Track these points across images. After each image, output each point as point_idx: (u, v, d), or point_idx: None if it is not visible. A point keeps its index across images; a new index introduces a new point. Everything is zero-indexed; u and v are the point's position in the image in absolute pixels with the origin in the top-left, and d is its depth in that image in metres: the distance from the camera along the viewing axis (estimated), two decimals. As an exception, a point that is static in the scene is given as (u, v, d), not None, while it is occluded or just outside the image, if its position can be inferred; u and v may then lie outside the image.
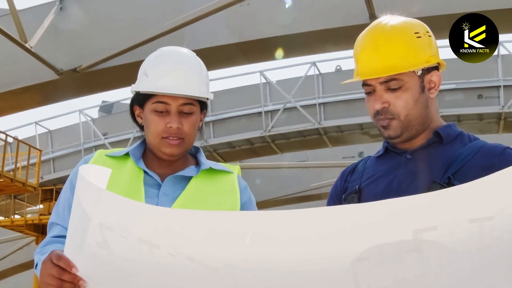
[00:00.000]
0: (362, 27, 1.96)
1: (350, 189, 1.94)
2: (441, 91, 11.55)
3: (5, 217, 19.26)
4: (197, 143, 2.04)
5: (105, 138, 18.14)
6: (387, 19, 1.85)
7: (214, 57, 11.52)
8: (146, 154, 1.99)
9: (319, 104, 15.57)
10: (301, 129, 15.75)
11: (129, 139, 16.99)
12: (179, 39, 11.00)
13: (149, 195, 1.88)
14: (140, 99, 1.94)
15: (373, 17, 9.58)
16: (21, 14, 11.58)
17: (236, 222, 1.30)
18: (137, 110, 1.98)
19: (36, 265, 1.75)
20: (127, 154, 1.97)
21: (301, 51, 11.96)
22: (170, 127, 1.88)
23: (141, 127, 2.01)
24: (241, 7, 10.66)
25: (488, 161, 1.70)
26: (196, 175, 1.95)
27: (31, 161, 17.05)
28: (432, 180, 1.71)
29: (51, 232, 1.90)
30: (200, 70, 1.98)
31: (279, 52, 11.23)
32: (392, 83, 1.77)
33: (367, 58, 1.81)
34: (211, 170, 1.98)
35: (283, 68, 18.66)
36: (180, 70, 1.92)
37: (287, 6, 10.60)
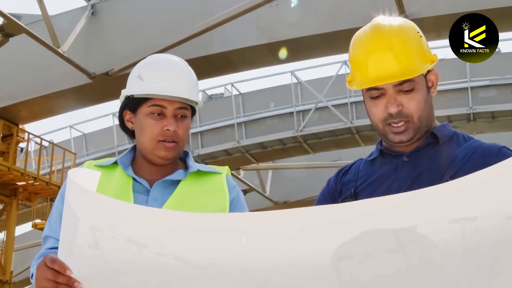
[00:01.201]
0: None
1: (345, 192, 1.89)
2: (474, 87, 11.32)
3: (41, 220, 19.51)
4: (228, 143, 2.05)
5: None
6: (386, 20, 1.79)
7: (245, 58, 11.55)
8: (135, 161, 2.00)
9: (351, 103, 15.46)
10: (333, 129, 15.67)
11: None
12: (208, 41, 11.04)
13: (139, 201, 1.87)
14: (134, 104, 1.94)
15: (403, 14, 9.51)
16: (54, 19, 11.75)
17: (222, 222, 1.32)
18: (128, 115, 1.98)
19: (32, 275, 1.76)
20: (115, 163, 1.97)
21: (332, 50, 11.90)
22: (167, 130, 1.89)
23: (130, 133, 2.01)
24: (270, 8, 10.65)
25: (485, 162, 1.62)
26: (185, 178, 1.95)
27: (66, 165, 17.24)
28: (430, 184, 1.66)
29: (45, 245, 1.91)
30: (192, 76, 2.00)
31: (283, 51, 11.20)
32: (406, 85, 1.72)
33: (380, 60, 1.71)
34: (199, 172, 1.98)
35: (314, 68, 18.60)
36: (176, 75, 1.94)
37: (292, 5, 10.55)
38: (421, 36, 1.77)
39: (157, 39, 11.16)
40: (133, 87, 1.94)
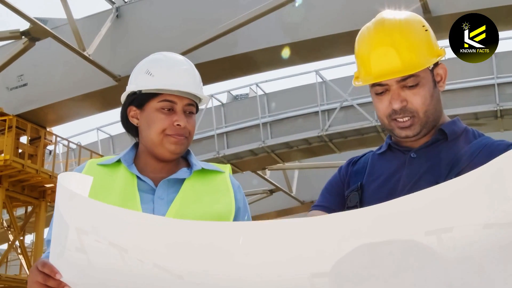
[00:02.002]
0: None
1: (352, 184, 1.87)
2: (501, 84, 11.17)
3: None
4: (254, 144, 2.05)
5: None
6: (390, 14, 1.77)
7: (269, 58, 11.54)
8: (138, 159, 1.99)
9: (376, 101, 15.37)
10: (359, 127, 15.59)
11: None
12: (232, 42, 11.07)
13: (144, 200, 1.87)
14: (142, 99, 1.94)
15: (427, 12, 9.45)
16: (79, 23, 11.86)
17: (197, 232, 1.30)
18: (133, 111, 1.97)
19: None
20: (118, 161, 1.97)
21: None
22: (178, 124, 1.89)
23: (133, 130, 2.01)
24: (293, 7, 10.64)
25: (492, 159, 1.60)
26: (189, 177, 1.95)
27: (93, 167, 17.38)
28: (436, 181, 1.63)
29: (48, 248, 1.93)
30: (197, 74, 2.01)
31: (286, 51, 11.16)
32: (409, 80, 1.70)
33: (383, 56, 1.70)
34: (203, 170, 1.98)
35: (338, 67, 18.56)
36: (184, 72, 1.95)
37: (297, 4, 10.51)
38: (426, 30, 1.74)
39: (181, 41, 11.22)
40: (141, 82, 1.94)
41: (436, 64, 1.76)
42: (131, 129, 2.01)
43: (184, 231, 1.31)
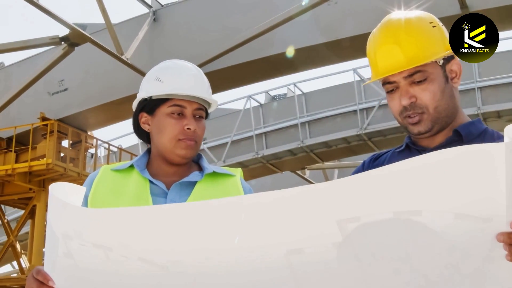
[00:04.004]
0: (453, 18, 1.88)
1: None
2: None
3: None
4: (292, 144, 2.07)
5: (204, 143, 18.43)
6: (399, 14, 1.79)
7: (305, 57, 11.52)
8: (150, 163, 2.03)
9: (416, 98, 15.24)
10: (398, 126, 15.34)
11: (227, 143, 17.21)
12: (268, 42, 11.07)
13: (157, 203, 1.89)
14: (152, 105, 1.98)
15: (464, 7, 9.32)
16: (117, 27, 12.00)
17: (178, 216, 1.31)
18: (144, 118, 2.01)
19: None
20: (131, 166, 2.00)
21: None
22: (188, 128, 1.94)
23: (145, 136, 2.04)
24: (328, 6, 10.60)
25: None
26: (201, 180, 1.98)
27: (134, 169, 17.56)
28: None
29: None
30: (206, 79, 2.07)
31: (290, 49, 11.09)
32: (416, 76, 1.70)
33: (387, 53, 1.74)
34: (214, 174, 2.01)
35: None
36: (193, 77, 2.01)
37: (303, 3, 10.43)
38: (434, 27, 1.75)
39: (218, 43, 11.27)
40: (151, 89, 1.99)
41: (449, 61, 1.76)
42: (143, 135, 2.06)
43: (163, 218, 1.32)
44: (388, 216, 1.18)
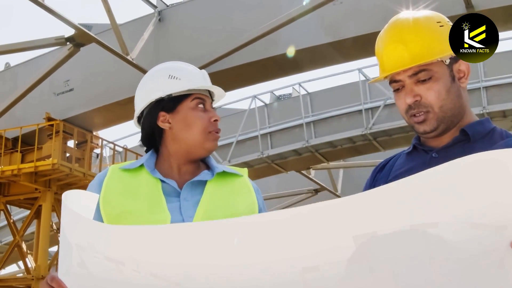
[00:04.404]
0: (457, 18, 1.88)
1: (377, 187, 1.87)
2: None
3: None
4: (297, 143, 2.09)
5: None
6: (407, 14, 1.79)
7: (310, 57, 11.52)
8: (159, 164, 2.01)
9: (421, 98, 15.21)
10: (403, 125, 15.41)
11: (232, 143, 17.22)
12: (273, 42, 11.07)
13: (170, 203, 1.90)
14: (171, 103, 1.97)
15: (470, 7, 9.30)
16: (122, 28, 12.02)
17: (189, 235, 1.31)
18: (162, 117, 1.98)
19: None
20: (141, 166, 1.99)
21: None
22: (215, 120, 1.97)
23: (155, 134, 2.01)
24: (334, 6, 10.60)
25: None
26: (211, 179, 1.98)
27: (139, 169, 17.57)
28: None
29: None
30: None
31: (291, 49, 11.08)
32: (421, 74, 1.70)
33: (392, 51, 1.74)
34: (224, 173, 2.01)
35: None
36: (202, 73, 2.05)
37: (304, 3, 10.42)
38: (442, 26, 1.74)
39: (223, 43, 11.28)
40: (168, 87, 1.97)
41: (456, 60, 1.75)
42: (156, 135, 2.01)
43: (176, 236, 1.33)
44: (405, 229, 1.18)
